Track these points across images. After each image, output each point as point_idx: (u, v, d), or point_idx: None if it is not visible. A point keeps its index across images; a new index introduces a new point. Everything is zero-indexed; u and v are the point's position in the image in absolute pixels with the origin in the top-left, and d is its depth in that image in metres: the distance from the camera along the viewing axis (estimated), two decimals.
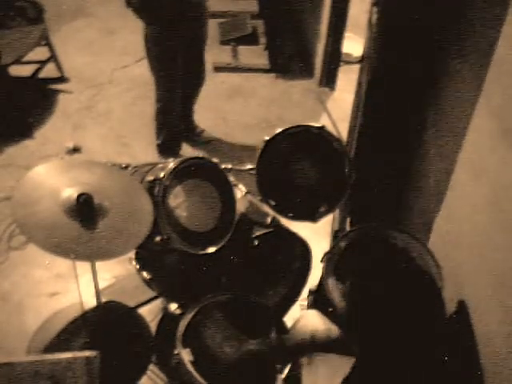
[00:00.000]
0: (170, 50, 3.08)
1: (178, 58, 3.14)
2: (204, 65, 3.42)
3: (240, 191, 2.25)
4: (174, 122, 3.39)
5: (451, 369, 1.76)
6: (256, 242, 2.08)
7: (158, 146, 3.42)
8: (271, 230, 2.13)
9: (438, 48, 2.15)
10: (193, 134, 3.65)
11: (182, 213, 2.05)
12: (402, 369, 1.76)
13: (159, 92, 3.26)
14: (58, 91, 4.12)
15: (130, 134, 3.74)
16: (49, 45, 4.10)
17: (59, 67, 4.20)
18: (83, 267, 1.97)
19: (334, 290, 1.97)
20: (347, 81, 3.89)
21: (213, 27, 4.29)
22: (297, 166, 2.20)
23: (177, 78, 3.22)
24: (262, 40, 4.76)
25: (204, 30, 3.26)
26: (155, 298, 2.45)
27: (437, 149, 2.26)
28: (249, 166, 2.31)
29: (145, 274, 2.24)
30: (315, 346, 1.86)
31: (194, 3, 3.03)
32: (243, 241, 2.10)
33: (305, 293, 2.22)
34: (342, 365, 1.80)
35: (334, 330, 1.89)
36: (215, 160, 2.15)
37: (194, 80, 3.41)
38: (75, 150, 3.52)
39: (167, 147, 3.39)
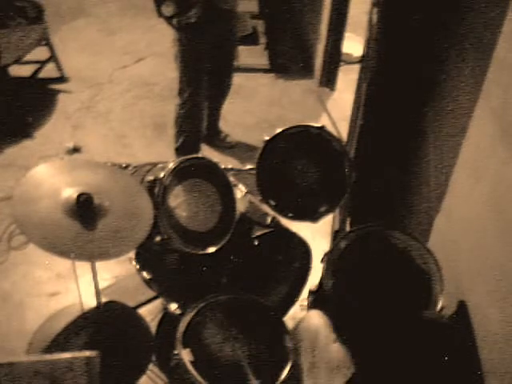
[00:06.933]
0: (198, 54, 3.07)
1: (205, 62, 3.13)
2: (232, 69, 3.42)
3: (240, 191, 2.25)
4: (196, 127, 3.37)
5: (451, 369, 1.76)
6: (256, 242, 2.08)
7: (177, 149, 3.38)
8: (271, 229, 2.13)
9: (438, 48, 2.15)
10: (217, 139, 3.64)
11: (182, 213, 2.05)
12: (402, 369, 1.76)
13: (184, 96, 3.21)
14: (58, 91, 4.12)
15: (130, 134, 3.74)
16: (49, 45, 4.10)
17: (59, 67, 4.20)
18: (83, 267, 1.97)
19: (334, 290, 1.98)
20: (347, 81, 3.89)
21: None
22: (297, 166, 2.20)
23: (203, 82, 3.21)
24: (262, 40, 4.77)
25: (233, 36, 3.26)
26: (155, 298, 2.46)
27: (437, 149, 2.26)
28: (249, 166, 2.31)
29: (145, 273, 2.24)
30: (317, 347, 1.86)
31: (224, 10, 3.02)
32: (243, 241, 2.10)
33: (305, 293, 2.23)
34: (344, 366, 1.80)
35: (335, 331, 1.89)
36: (215, 160, 2.15)
37: (221, 84, 3.40)
38: (75, 149, 3.52)
39: (186, 151, 3.31)
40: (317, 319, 1.93)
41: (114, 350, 2.15)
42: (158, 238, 2.05)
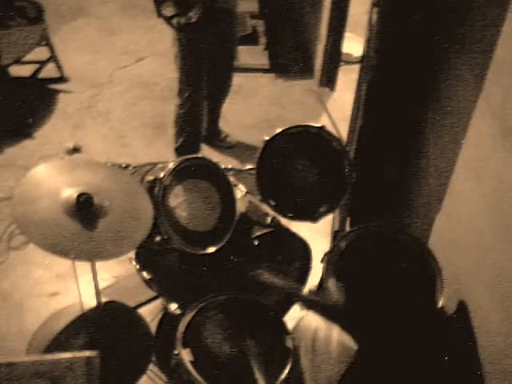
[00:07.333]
0: (198, 54, 3.08)
1: (205, 62, 3.14)
2: (232, 69, 3.42)
3: (240, 191, 2.25)
4: (196, 127, 3.37)
5: (451, 369, 1.76)
6: (256, 242, 2.08)
7: (177, 149, 3.39)
8: (271, 229, 2.13)
9: (438, 48, 2.15)
10: (217, 139, 3.64)
11: (181, 213, 2.05)
12: (402, 368, 1.76)
13: (184, 96, 3.22)
14: (58, 91, 4.12)
15: (130, 134, 3.74)
16: (49, 45, 4.10)
17: (59, 67, 4.20)
18: (83, 267, 1.97)
19: (334, 290, 1.98)
20: (347, 81, 3.89)
21: None
22: (297, 165, 2.20)
23: (203, 82, 3.22)
24: (262, 40, 4.77)
25: (233, 36, 3.27)
26: (155, 298, 2.45)
27: (437, 149, 2.26)
28: (249, 166, 2.31)
29: (145, 273, 2.24)
30: (317, 346, 1.86)
31: (224, 10, 3.03)
32: (243, 241, 2.10)
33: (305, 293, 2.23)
34: (343, 364, 1.80)
35: (335, 330, 1.89)
36: (215, 160, 2.15)
37: (221, 84, 3.41)
38: (75, 149, 3.52)
39: (186, 151, 3.30)
40: (316, 318, 1.93)
41: (114, 350, 2.15)
42: (157, 238, 2.04)
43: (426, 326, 1.84)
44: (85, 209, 1.80)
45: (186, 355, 1.75)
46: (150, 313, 2.43)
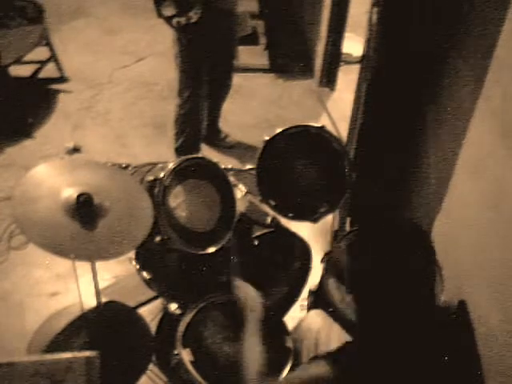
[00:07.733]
0: (198, 54, 3.08)
1: (205, 62, 3.15)
2: (232, 69, 3.43)
3: (240, 191, 2.25)
4: (196, 127, 3.37)
5: (451, 369, 1.75)
6: (256, 242, 2.08)
7: (177, 149, 3.39)
8: (271, 229, 2.13)
9: (438, 48, 2.15)
10: (217, 139, 3.64)
11: (181, 213, 2.05)
12: (402, 368, 1.76)
13: (184, 96, 3.22)
14: (58, 91, 4.12)
15: (130, 134, 3.74)
16: (49, 45, 4.10)
17: (59, 67, 4.20)
18: (83, 267, 1.97)
19: (334, 290, 1.98)
20: (347, 81, 3.89)
21: None
22: (297, 165, 2.20)
23: (203, 82, 3.23)
24: (262, 40, 4.77)
25: (233, 36, 3.28)
26: (155, 298, 2.46)
27: (437, 149, 2.26)
28: (249, 166, 2.31)
29: (145, 273, 2.24)
30: (320, 346, 1.86)
31: (224, 10, 3.03)
32: (243, 241, 2.10)
33: (305, 293, 2.23)
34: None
35: (337, 330, 1.89)
36: (215, 160, 2.15)
37: (221, 84, 3.42)
38: (75, 149, 3.52)
39: (186, 151, 3.29)
40: (318, 318, 1.93)
41: (114, 349, 2.15)
42: (157, 238, 2.05)
43: (425, 325, 1.84)
44: (85, 209, 1.80)
45: (185, 355, 1.75)
46: (149, 313, 2.43)
